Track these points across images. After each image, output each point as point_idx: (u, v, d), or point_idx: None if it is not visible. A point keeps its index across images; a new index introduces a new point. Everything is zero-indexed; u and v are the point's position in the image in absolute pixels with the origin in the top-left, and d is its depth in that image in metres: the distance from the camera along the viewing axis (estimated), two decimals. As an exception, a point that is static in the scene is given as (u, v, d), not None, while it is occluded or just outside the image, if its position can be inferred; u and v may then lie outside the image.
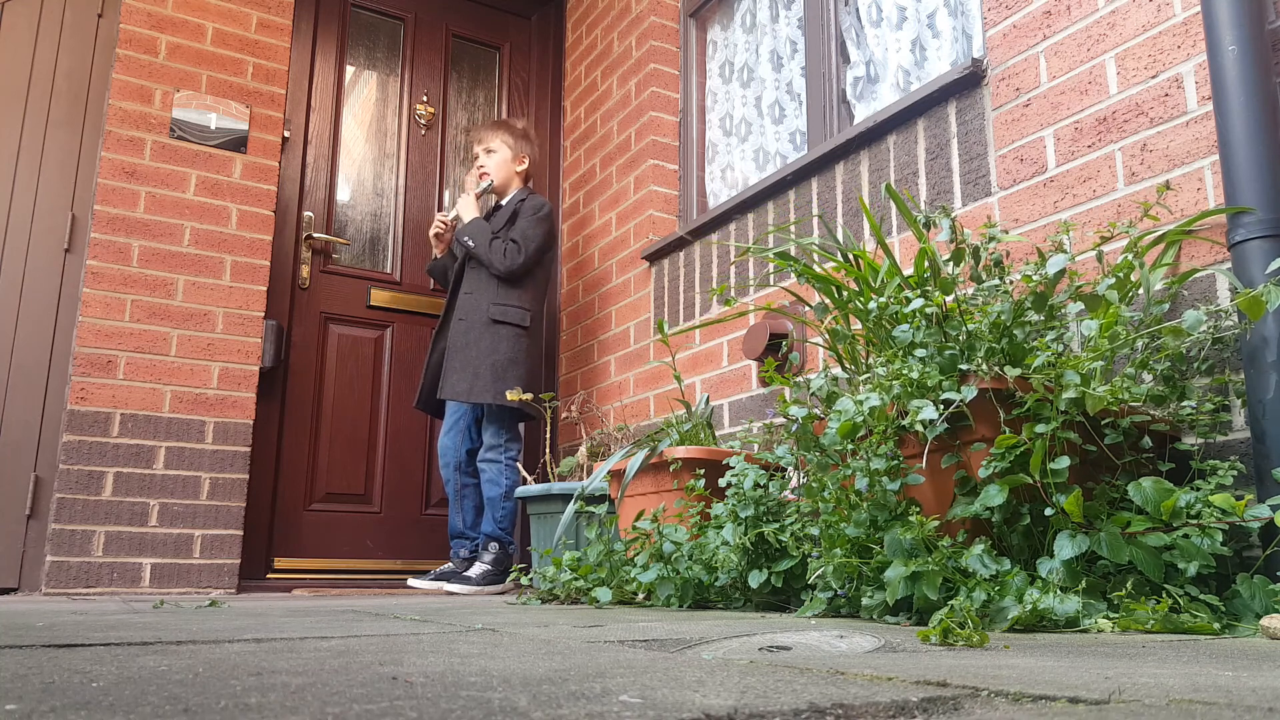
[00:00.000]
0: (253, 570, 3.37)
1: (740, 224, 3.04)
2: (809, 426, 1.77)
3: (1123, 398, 1.53)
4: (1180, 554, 1.33)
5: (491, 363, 3.19)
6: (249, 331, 3.30)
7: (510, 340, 3.25)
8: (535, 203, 3.41)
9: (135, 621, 1.44)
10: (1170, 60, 1.84)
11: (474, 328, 3.25)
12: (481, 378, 3.17)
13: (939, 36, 2.61)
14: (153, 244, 3.19)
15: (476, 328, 3.25)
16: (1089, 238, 1.92)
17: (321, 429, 3.64)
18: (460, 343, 3.24)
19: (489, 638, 1.17)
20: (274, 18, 3.54)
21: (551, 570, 2.33)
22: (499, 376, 3.18)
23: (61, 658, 0.88)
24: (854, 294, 1.89)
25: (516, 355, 3.25)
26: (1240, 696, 0.63)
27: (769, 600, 1.94)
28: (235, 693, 0.65)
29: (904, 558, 1.45)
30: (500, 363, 3.20)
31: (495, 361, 3.20)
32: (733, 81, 3.46)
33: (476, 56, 4.33)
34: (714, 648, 1.06)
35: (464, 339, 3.24)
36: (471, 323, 3.26)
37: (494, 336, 3.23)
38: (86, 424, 3.00)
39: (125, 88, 3.24)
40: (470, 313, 3.28)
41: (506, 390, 3.14)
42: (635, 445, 2.51)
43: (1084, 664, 0.86)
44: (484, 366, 3.19)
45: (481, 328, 3.24)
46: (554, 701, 0.61)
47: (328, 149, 3.85)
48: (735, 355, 2.95)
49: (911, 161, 2.43)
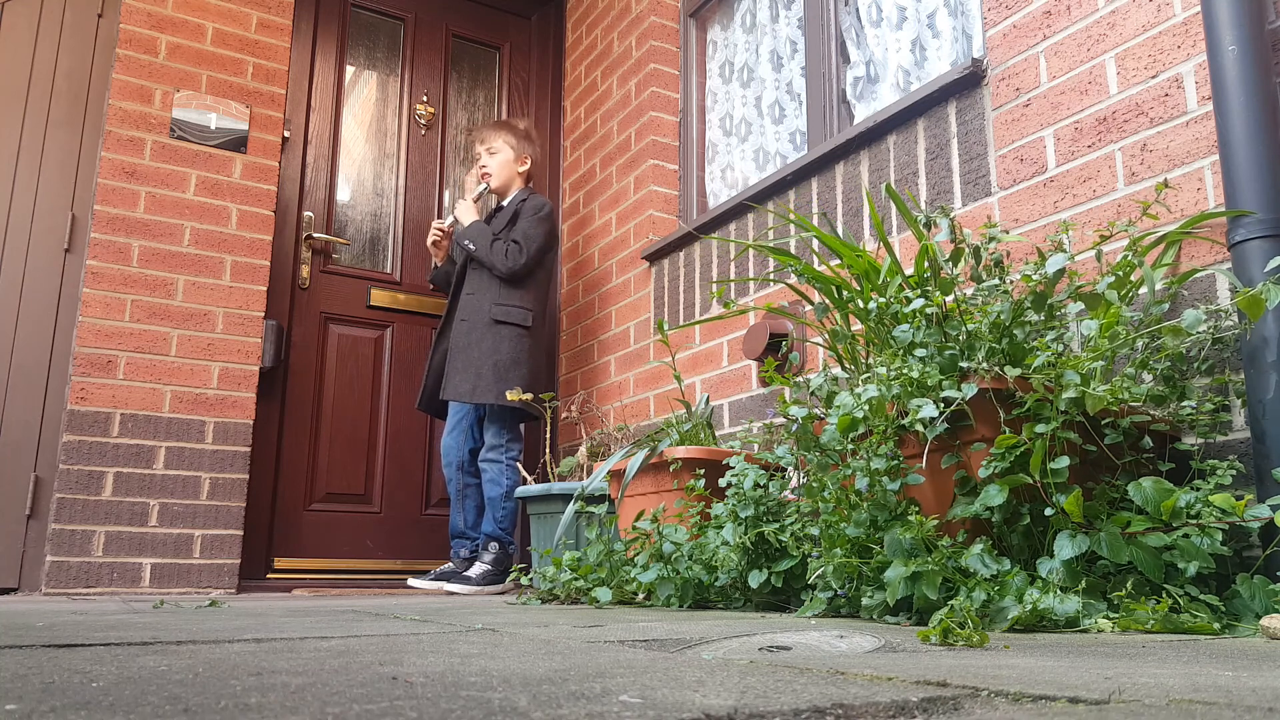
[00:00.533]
0: (253, 570, 3.37)
1: (740, 224, 3.04)
2: (809, 426, 1.77)
3: (1123, 398, 1.53)
4: (1180, 554, 1.33)
5: (494, 363, 3.19)
6: (249, 331, 3.30)
7: (512, 340, 3.25)
8: (536, 203, 3.40)
9: (135, 621, 1.44)
10: (1170, 60, 1.84)
11: (476, 328, 3.25)
12: (484, 378, 3.17)
13: (939, 36, 2.61)
14: (153, 244, 3.19)
15: (479, 328, 3.24)
16: (1089, 238, 1.92)
17: (321, 429, 3.64)
18: (462, 343, 3.24)
19: (489, 638, 1.17)
20: (274, 18, 3.54)
21: (551, 570, 2.33)
22: (501, 377, 3.18)
23: (61, 658, 0.88)
24: (854, 293, 1.89)
25: (519, 355, 3.25)
26: (1240, 696, 0.63)
27: (769, 600, 1.94)
28: (235, 693, 0.65)
29: (904, 558, 1.45)
30: (503, 363, 3.20)
31: (498, 362, 3.20)
32: (733, 81, 3.46)
33: (476, 56, 4.33)
34: (714, 648, 1.06)
35: (466, 339, 3.24)
36: (474, 323, 3.26)
37: (496, 337, 3.23)
38: (86, 424, 3.00)
39: (125, 88, 3.24)
40: (472, 313, 3.27)
41: (508, 390, 3.14)
42: (635, 445, 2.51)
43: (1084, 664, 0.86)
44: (486, 367, 3.19)
45: (484, 328, 3.24)
46: (554, 701, 0.61)
47: (328, 149, 3.85)
48: (735, 355, 2.95)
49: (911, 161, 2.43)
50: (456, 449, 3.32)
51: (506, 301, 3.27)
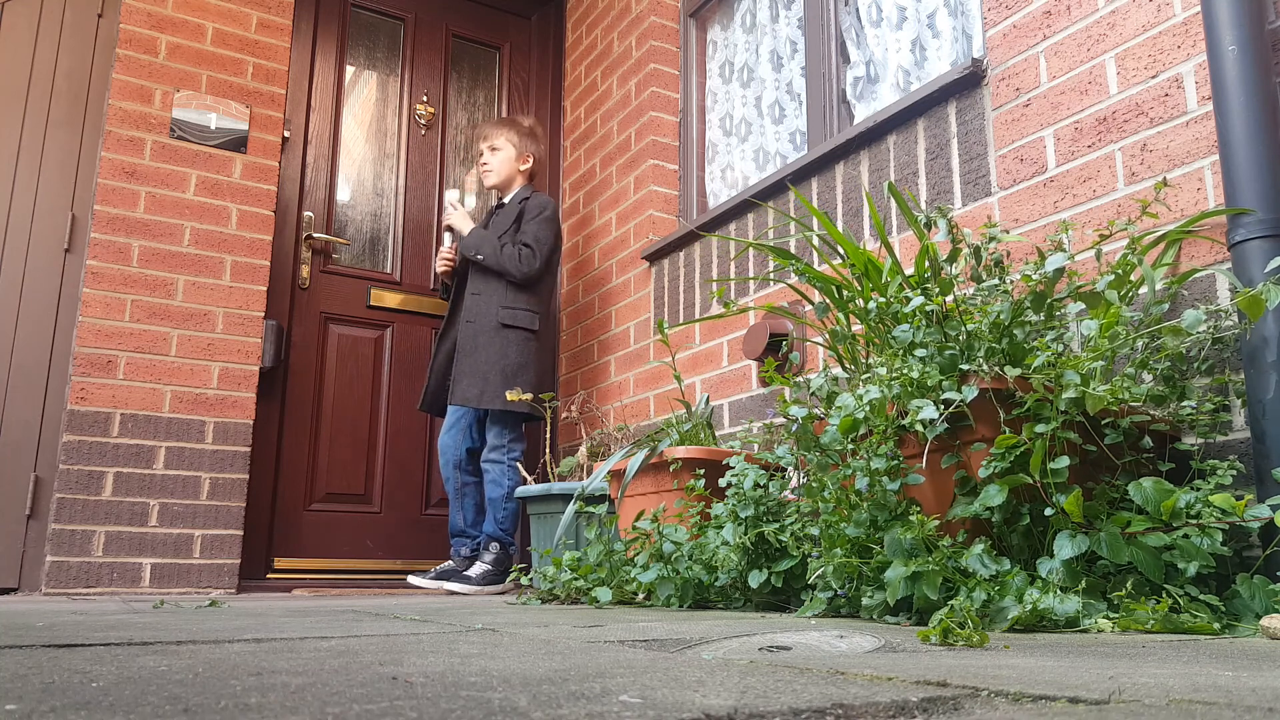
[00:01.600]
0: (253, 570, 3.37)
1: (740, 224, 3.04)
2: (809, 426, 1.77)
3: (1123, 398, 1.53)
4: (1180, 554, 1.33)
5: (501, 368, 3.18)
6: (249, 331, 3.30)
7: (519, 345, 3.23)
8: (540, 201, 3.39)
9: (135, 621, 1.44)
10: (1170, 60, 1.84)
11: (483, 331, 3.22)
12: (491, 383, 3.16)
13: (939, 36, 2.61)
14: (153, 244, 3.19)
15: (486, 332, 3.22)
16: (1089, 237, 1.92)
17: (321, 429, 3.64)
18: (469, 347, 3.22)
19: (489, 638, 1.17)
20: (274, 18, 3.54)
21: (551, 570, 2.33)
22: (508, 382, 3.17)
23: (61, 658, 0.88)
24: (855, 292, 1.89)
25: (526, 360, 3.23)
26: (1240, 696, 0.63)
27: (769, 600, 1.94)
28: (235, 693, 0.65)
29: (904, 558, 1.45)
30: (510, 368, 3.19)
31: (505, 367, 3.18)
32: (733, 81, 3.46)
33: (476, 56, 4.33)
34: (714, 648, 1.06)
35: (473, 343, 3.22)
36: (480, 326, 3.23)
37: (504, 341, 3.21)
38: (86, 424, 3.00)
39: (125, 88, 3.24)
40: (479, 315, 3.25)
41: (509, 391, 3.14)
42: (635, 445, 2.51)
43: (1084, 664, 0.86)
44: (494, 372, 3.17)
45: (491, 332, 3.22)
46: (554, 701, 0.61)
47: (328, 149, 3.85)
48: (735, 355, 2.95)
49: (911, 161, 2.43)
50: (454, 447, 3.31)
51: (514, 305, 3.25)
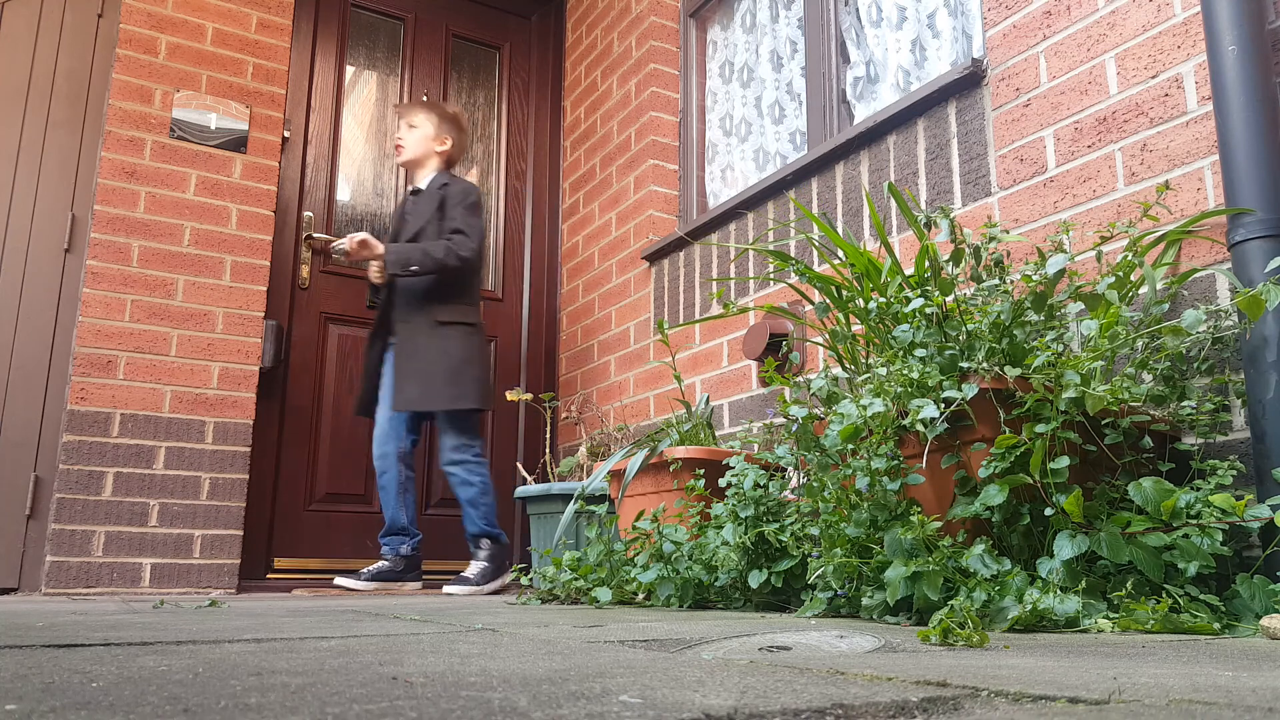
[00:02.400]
0: (253, 570, 3.37)
1: (740, 224, 3.04)
2: (809, 427, 1.77)
3: (1123, 398, 1.53)
4: (1180, 554, 1.33)
5: (444, 367, 3.06)
6: (249, 331, 3.30)
7: (460, 340, 3.11)
8: (464, 188, 3.23)
9: (135, 621, 1.44)
10: (1170, 60, 1.84)
11: (420, 331, 3.09)
12: (435, 383, 3.04)
13: (939, 36, 2.61)
14: (153, 244, 3.19)
15: (424, 331, 3.09)
16: (1089, 238, 1.92)
17: (321, 429, 3.63)
18: (409, 349, 3.09)
19: (489, 638, 1.17)
20: (274, 18, 3.54)
21: (551, 570, 2.33)
22: (453, 380, 3.05)
23: (61, 658, 0.88)
24: (855, 292, 1.89)
25: (470, 354, 3.12)
26: (1240, 696, 0.63)
27: (769, 600, 1.94)
28: (235, 693, 0.65)
29: (904, 558, 1.45)
30: (453, 366, 3.07)
31: (448, 366, 3.06)
32: (733, 81, 3.46)
33: (476, 56, 4.33)
34: (714, 648, 1.06)
35: (412, 344, 3.09)
36: (417, 326, 3.10)
37: (443, 339, 3.09)
38: (86, 424, 3.00)
39: (125, 88, 3.24)
40: (413, 314, 3.12)
41: (463, 393, 3.03)
42: (635, 445, 2.51)
43: (1084, 664, 0.86)
44: (437, 371, 3.05)
45: (429, 331, 3.09)
46: (554, 701, 0.61)
47: (328, 149, 3.85)
48: (735, 355, 2.95)
49: (911, 161, 2.43)
50: (396, 438, 3.15)
51: (447, 300, 3.13)
